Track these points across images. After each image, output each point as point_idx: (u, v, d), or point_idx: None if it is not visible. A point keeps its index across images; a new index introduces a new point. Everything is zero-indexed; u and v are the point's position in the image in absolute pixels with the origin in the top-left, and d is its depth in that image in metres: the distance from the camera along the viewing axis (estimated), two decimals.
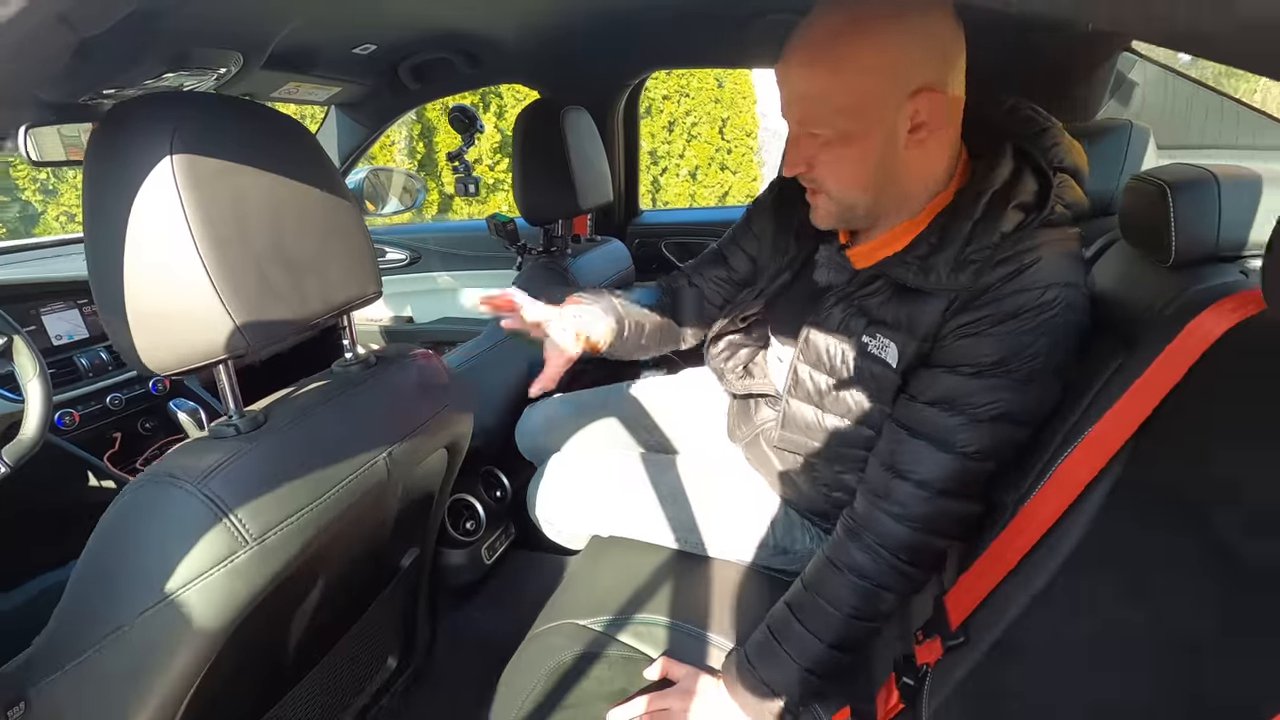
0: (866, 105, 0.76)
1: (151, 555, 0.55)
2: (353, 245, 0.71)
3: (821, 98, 0.77)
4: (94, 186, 0.57)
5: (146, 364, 0.59)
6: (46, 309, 1.42)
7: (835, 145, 0.79)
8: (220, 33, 1.08)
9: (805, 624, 0.85)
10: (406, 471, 0.78)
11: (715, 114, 7.26)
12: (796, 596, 0.88)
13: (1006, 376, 0.77)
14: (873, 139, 0.78)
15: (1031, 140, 0.83)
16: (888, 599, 0.84)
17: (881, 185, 0.82)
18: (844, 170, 0.81)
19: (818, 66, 0.76)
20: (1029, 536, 0.74)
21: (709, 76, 7.06)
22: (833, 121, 0.78)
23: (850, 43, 0.74)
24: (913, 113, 0.76)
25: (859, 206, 0.85)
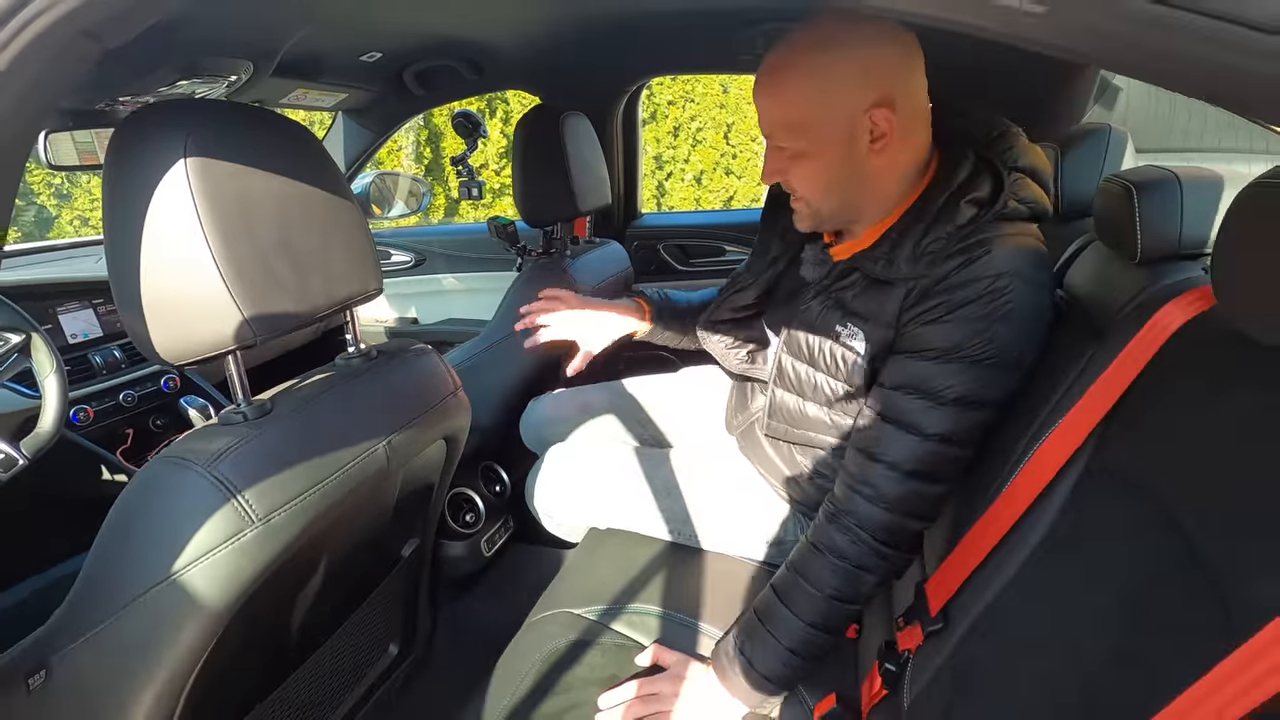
0: (813, 124, 0.84)
1: (164, 532, 0.59)
2: (355, 243, 0.75)
3: (774, 118, 0.86)
4: (113, 187, 0.61)
5: (160, 354, 0.63)
6: (63, 308, 1.46)
7: (795, 158, 0.87)
8: (232, 42, 1.12)
9: (788, 605, 0.88)
10: (405, 460, 0.82)
11: (720, 119, 7.29)
12: (782, 579, 0.92)
13: (962, 361, 0.81)
14: (828, 152, 0.85)
15: (990, 143, 0.89)
16: (868, 580, 0.87)
17: (846, 191, 0.89)
18: (808, 179, 0.89)
19: (766, 90, 0.85)
20: (1004, 522, 0.77)
21: (714, 82, 7.09)
22: (786, 138, 0.86)
23: (792, 71, 0.82)
24: (870, 126, 0.83)
25: (825, 210, 0.91)
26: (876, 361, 0.91)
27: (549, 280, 1.41)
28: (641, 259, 1.90)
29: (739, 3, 1.28)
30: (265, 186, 0.65)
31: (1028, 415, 0.81)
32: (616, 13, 1.36)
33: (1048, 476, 0.73)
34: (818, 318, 0.98)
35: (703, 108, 7.21)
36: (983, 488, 0.83)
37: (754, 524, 1.15)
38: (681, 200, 7.27)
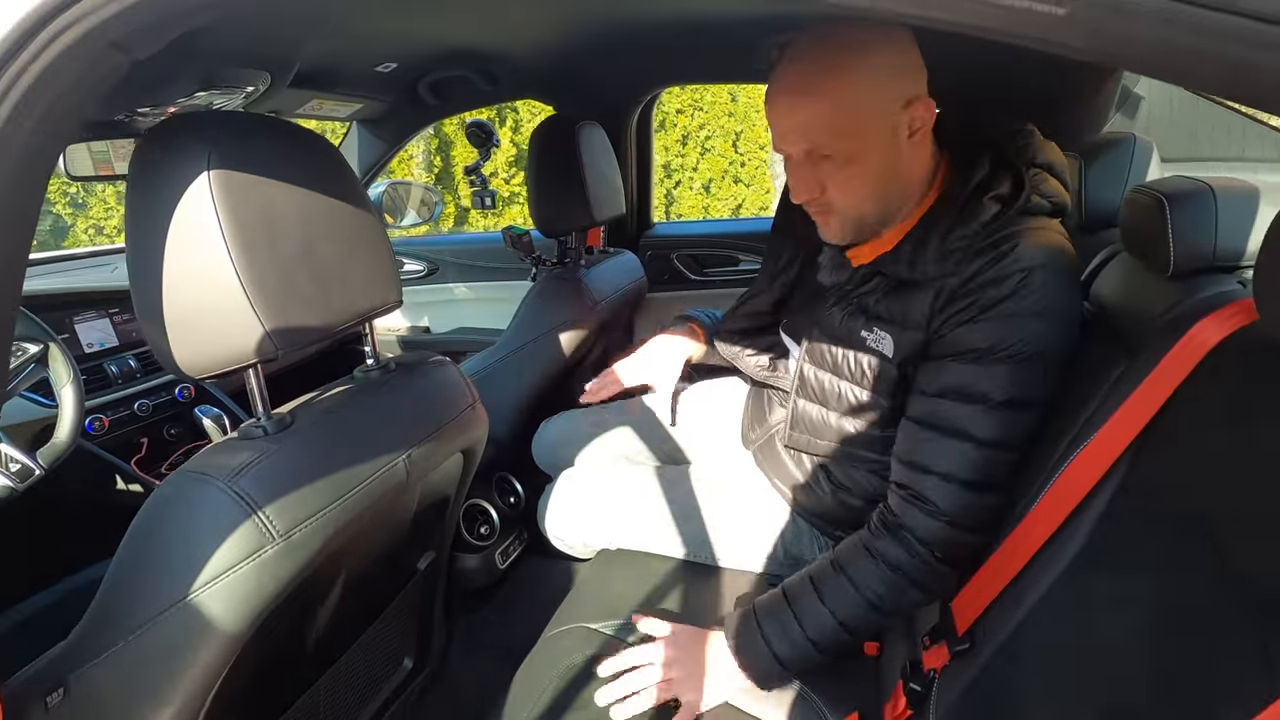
0: (866, 124, 0.81)
1: (184, 549, 0.58)
2: (375, 255, 0.74)
3: (824, 125, 0.81)
4: (136, 200, 0.61)
5: (180, 367, 0.62)
6: (79, 318, 1.47)
7: (846, 165, 0.83)
8: (250, 53, 1.12)
9: (823, 597, 0.87)
10: (424, 474, 0.81)
11: (729, 128, 7.31)
12: (821, 570, 0.90)
13: (1007, 361, 0.79)
14: (876, 153, 0.83)
15: (1006, 141, 0.88)
16: (914, 596, 0.85)
17: (890, 191, 0.87)
18: (855, 186, 0.85)
19: (815, 95, 0.80)
20: (1034, 541, 0.75)
21: (722, 91, 7.11)
22: (838, 145, 0.82)
23: (838, 72, 0.79)
24: (910, 120, 0.82)
25: (870, 216, 0.89)
26: (906, 366, 0.89)
27: (564, 290, 1.40)
28: (654, 268, 1.90)
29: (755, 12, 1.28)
30: (288, 199, 0.65)
31: (1057, 430, 0.79)
32: (632, 23, 1.36)
33: (1079, 494, 0.72)
34: (840, 324, 0.97)
35: (711, 116, 7.22)
36: (1010, 507, 0.82)
37: (772, 542, 1.13)
38: (690, 209, 7.28)
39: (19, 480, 1.08)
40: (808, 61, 0.81)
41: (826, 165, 0.84)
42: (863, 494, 1.02)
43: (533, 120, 6.65)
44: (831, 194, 0.86)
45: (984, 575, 0.81)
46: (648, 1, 1.25)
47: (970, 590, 0.82)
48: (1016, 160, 0.85)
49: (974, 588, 0.82)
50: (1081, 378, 0.80)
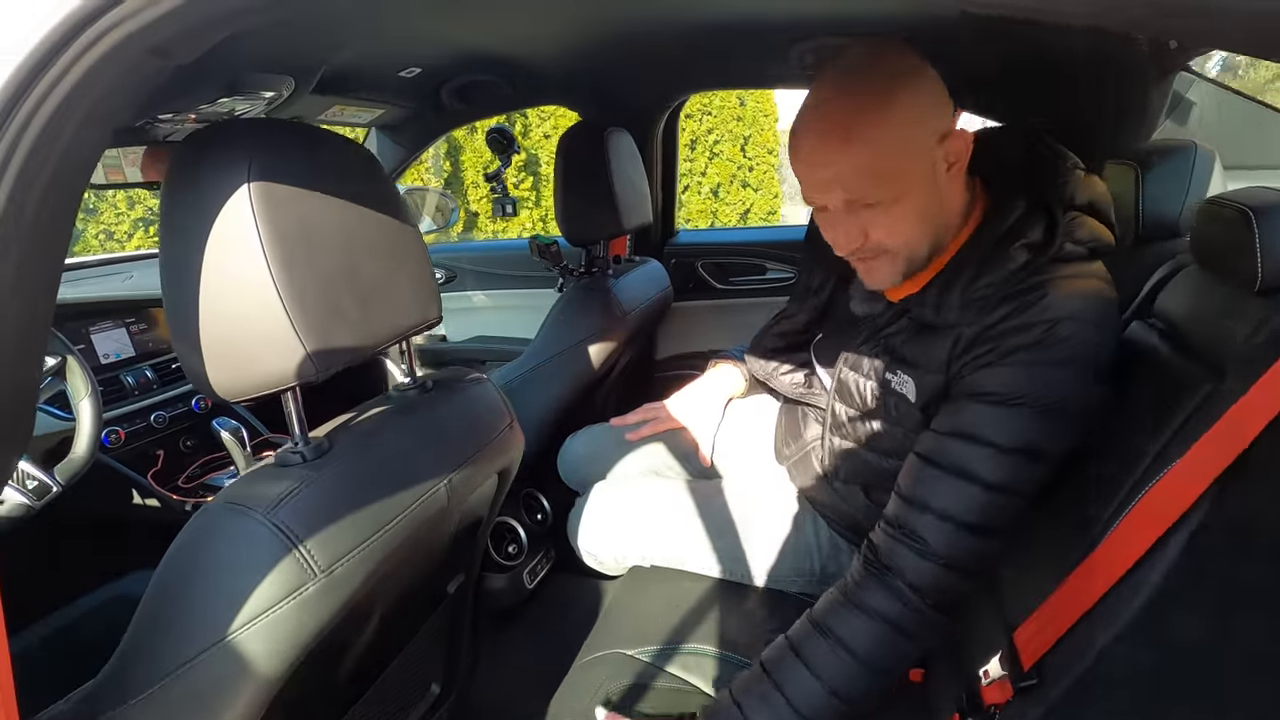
0: (907, 165, 0.77)
1: (223, 586, 0.54)
2: (417, 270, 0.71)
3: (865, 172, 0.77)
4: (171, 213, 0.57)
5: (216, 390, 0.59)
6: (95, 328, 1.44)
7: (886, 211, 0.79)
8: (276, 58, 1.09)
9: (808, 663, 0.79)
10: (464, 498, 0.77)
11: (737, 132, 7.29)
12: (800, 634, 0.83)
13: (1022, 408, 0.76)
14: (919, 190, 0.79)
15: (1045, 181, 0.84)
16: (907, 650, 0.79)
17: (935, 225, 0.84)
18: (904, 227, 0.81)
19: (853, 142, 0.76)
20: (1110, 573, 0.71)
21: (731, 95, 7.10)
22: (882, 191, 0.78)
23: (876, 112, 0.75)
24: (946, 153, 0.79)
25: (922, 251, 0.84)
26: (930, 409, 0.86)
27: (593, 301, 1.36)
28: (679, 277, 1.86)
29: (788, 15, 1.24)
30: (328, 211, 0.61)
31: (1132, 455, 0.75)
32: (660, 26, 1.33)
33: (1162, 525, 0.67)
34: (867, 365, 0.95)
35: (719, 121, 7.21)
36: (1081, 532, 0.77)
37: (806, 557, 1.10)
38: (698, 213, 7.26)
39: (36, 498, 1.05)
40: (836, 107, 0.77)
41: (868, 213, 0.80)
42: None
43: (541, 124, 6.64)
44: (878, 238, 0.82)
45: (1053, 606, 0.77)
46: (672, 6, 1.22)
47: (1036, 621, 0.78)
48: (1052, 203, 0.81)
49: (1041, 619, 0.78)
50: (1159, 397, 0.75)
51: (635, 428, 1.24)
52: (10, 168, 0.41)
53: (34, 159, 0.42)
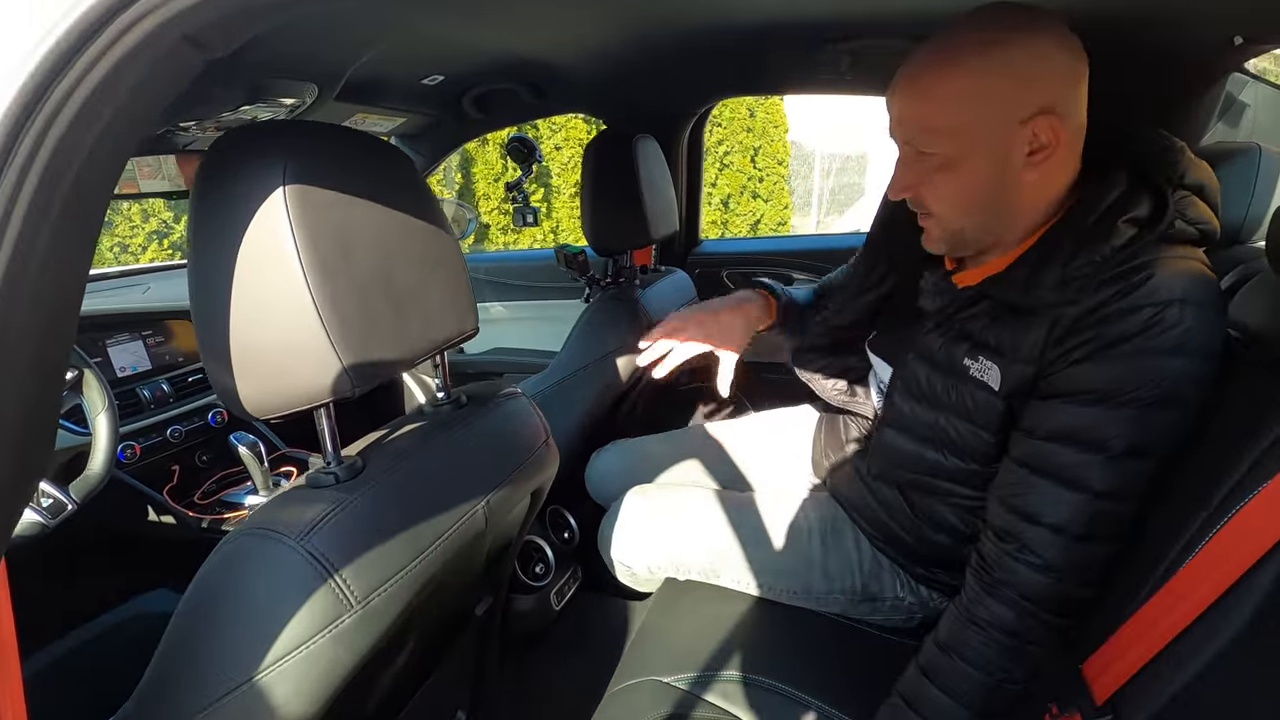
0: (966, 131, 0.75)
1: (253, 620, 0.50)
2: (454, 280, 0.67)
3: (919, 121, 0.77)
4: (202, 221, 0.54)
5: (247, 407, 0.55)
6: (112, 341, 1.41)
7: (942, 168, 0.78)
8: (299, 64, 1.07)
9: (944, 689, 0.78)
10: (501, 519, 0.73)
11: (747, 143, 7.28)
12: (930, 660, 0.81)
13: (1131, 405, 0.71)
14: (977, 164, 0.76)
15: (1150, 159, 0.79)
16: (1037, 655, 0.77)
17: (991, 210, 0.79)
18: (948, 194, 0.79)
19: (912, 89, 0.77)
20: (1190, 605, 0.66)
21: (741, 106, 7.09)
22: (933, 144, 0.77)
23: (944, 71, 0.74)
24: (1029, 137, 0.74)
25: (966, 231, 0.82)
26: (1014, 401, 0.80)
27: (621, 312, 1.33)
28: (703, 287, 1.82)
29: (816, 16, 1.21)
30: (365, 217, 0.58)
31: (1212, 475, 0.70)
32: (688, 31, 1.30)
33: (1249, 556, 0.62)
34: (940, 350, 0.88)
35: (729, 132, 7.20)
36: (1156, 556, 0.72)
37: (847, 576, 1.05)
38: (709, 224, 7.24)
39: (51, 516, 1.01)
40: (930, 53, 0.76)
41: (923, 165, 0.79)
42: (949, 530, 0.94)
43: (553, 137, 6.65)
44: (925, 196, 0.81)
45: (1127, 638, 0.72)
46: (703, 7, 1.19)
47: (1109, 652, 0.73)
48: (1160, 179, 0.76)
49: (1114, 650, 0.73)
50: (1239, 415, 0.71)
51: None
52: (34, 167, 0.37)
53: (59, 158, 0.38)
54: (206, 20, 0.41)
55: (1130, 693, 0.70)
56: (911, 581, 1.03)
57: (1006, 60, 0.73)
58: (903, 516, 0.98)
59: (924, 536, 0.97)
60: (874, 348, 1.05)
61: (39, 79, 0.35)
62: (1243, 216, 0.95)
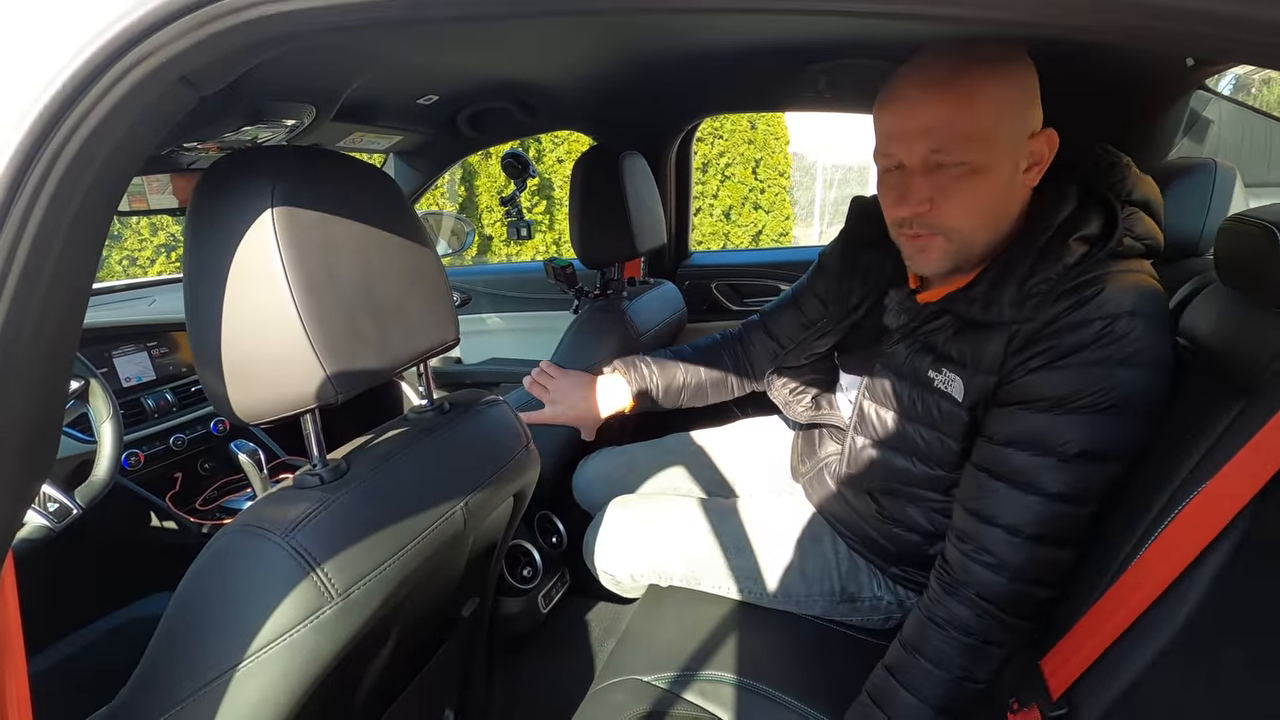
0: (998, 136, 0.77)
1: (239, 611, 0.54)
2: (434, 292, 0.71)
3: (955, 125, 0.76)
4: (196, 237, 0.58)
5: (237, 413, 0.59)
6: (118, 351, 1.46)
7: (967, 176, 0.78)
8: (297, 87, 1.12)
9: (907, 686, 0.81)
10: (480, 521, 0.77)
11: (749, 155, 7.34)
12: (896, 658, 0.85)
13: (1083, 412, 0.74)
14: (1001, 173, 0.79)
15: (1098, 176, 0.83)
16: (996, 654, 0.80)
17: (999, 222, 0.83)
18: (974, 202, 0.80)
19: (951, 94, 0.76)
20: (1140, 598, 0.69)
21: (742, 119, 7.16)
22: (967, 149, 0.77)
23: (982, 75, 0.76)
24: (1030, 152, 0.79)
25: (979, 243, 0.83)
26: (977, 410, 0.85)
27: (608, 323, 1.37)
28: (693, 298, 1.86)
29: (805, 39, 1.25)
30: (347, 234, 0.62)
31: (1160, 475, 0.73)
32: (673, 52, 1.34)
33: (1194, 548, 0.66)
34: (905, 362, 0.92)
35: (731, 144, 7.26)
36: (1109, 554, 0.76)
37: (826, 579, 1.08)
38: (710, 235, 7.29)
39: (57, 520, 1.05)
40: (943, 62, 0.77)
41: (943, 176, 0.79)
42: (920, 530, 0.97)
43: (555, 150, 6.73)
44: (944, 210, 0.80)
45: (1081, 632, 0.75)
46: (689, 31, 1.24)
47: (1065, 648, 0.76)
48: (1109, 196, 0.80)
49: (1070, 645, 0.76)
50: (1186, 419, 0.74)
51: None
52: (42, 196, 0.42)
53: (65, 187, 0.43)
54: (200, 63, 0.46)
55: (1083, 687, 0.73)
56: (888, 581, 1.06)
57: (1027, 74, 0.78)
58: (875, 520, 1.02)
59: (896, 537, 1.00)
60: (843, 363, 1.10)
61: (47, 118, 0.39)
62: (1199, 230, 0.98)
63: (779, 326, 1.24)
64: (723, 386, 1.29)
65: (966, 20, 0.33)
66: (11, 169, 0.39)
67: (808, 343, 1.13)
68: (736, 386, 1.30)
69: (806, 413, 1.14)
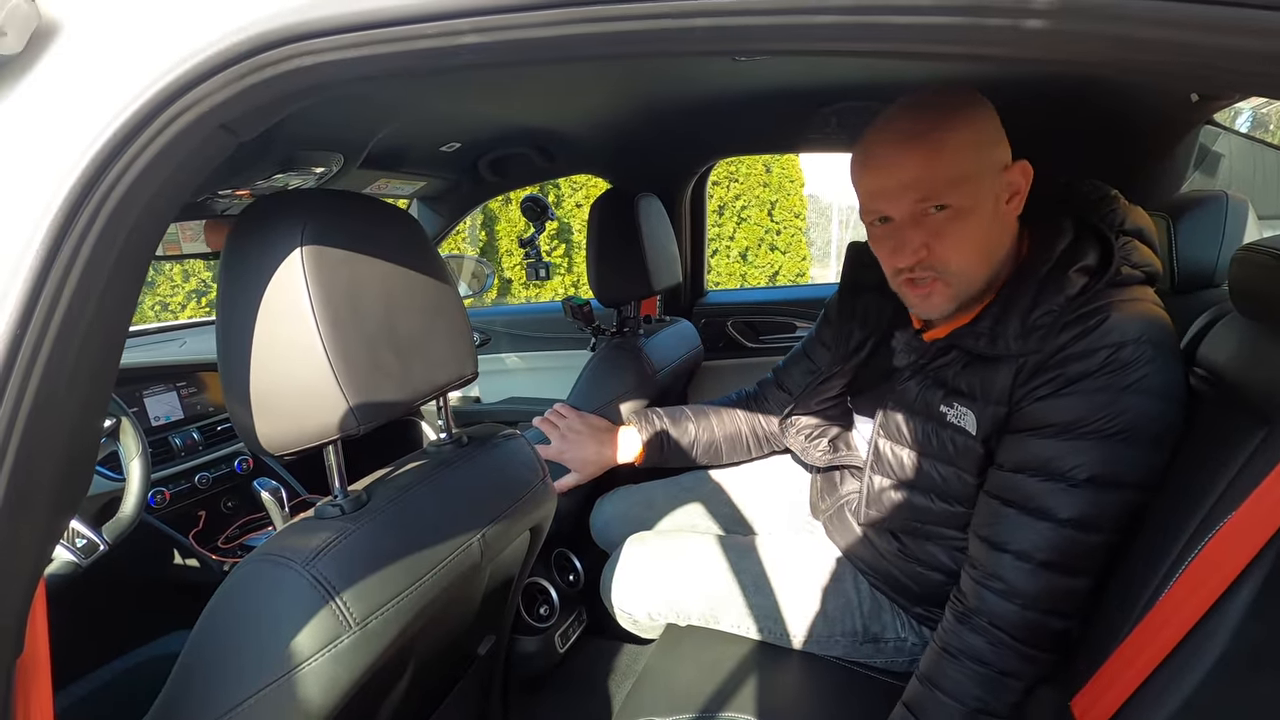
0: (975, 176, 0.80)
1: (259, 639, 0.55)
2: (454, 328, 0.73)
3: (935, 174, 0.79)
4: (229, 276, 0.61)
5: (263, 443, 0.61)
6: (149, 391, 1.50)
7: (955, 220, 0.81)
8: (327, 137, 1.17)
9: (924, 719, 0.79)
10: (496, 554, 0.77)
11: (764, 197, 7.44)
12: (914, 693, 0.83)
13: (1090, 437, 0.75)
14: (985, 209, 0.81)
15: (1090, 208, 0.85)
16: (1014, 686, 0.78)
17: (993, 257, 0.84)
18: (966, 241, 0.82)
19: (925, 146, 0.79)
20: (1169, 635, 0.67)
21: (757, 162, 7.29)
22: (949, 194, 0.80)
23: (949, 123, 0.79)
24: (1007, 183, 0.81)
25: (978, 279, 0.85)
26: (990, 443, 0.85)
27: (625, 360, 1.38)
28: (709, 336, 1.88)
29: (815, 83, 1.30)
30: (372, 272, 0.65)
31: (1183, 508, 0.72)
32: (687, 98, 1.39)
33: (1221, 583, 0.64)
34: (916, 399, 0.93)
35: (746, 187, 7.38)
36: (1134, 589, 0.74)
37: (849, 618, 1.06)
38: (727, 277, 7.35)
39: (84, 556, 1.07)
40: (914, 117, 0.81)
41: (934, 221, 0.81)
42: (943, 569, 0.96)
43: (574, 194, 6.88)
44: (940, 253, 0.82)
45: (1111, 670, 0.73)
46: (701, 78, 1.28)
47: (1095, 688, 0.74)
48: (1103, 227, 0.82)
49: (1100, 684, 0.73)
50: (1206, 451, 0.73)
51: None
52: (90, 237, 0.45)
53: (110, 230, 0.45)
54: (239, 112, 0.49)
55: None
56: (912, 621, 1.04)
57: (987, 115, 0.81)
58: (898, 558, 1.00)
59: (920, 576, 0.98)
60: (856, 405, 1.11)
61: (96, 165, 0.42)
62: (1214, 261, 0.99)
63: (790, 379, 1.26)
64: (738, 444, 1.30)
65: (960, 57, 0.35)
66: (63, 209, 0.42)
67: (817, 388, 1.14)
68: (753, 445, 1.31)
69: (824, 456, 1.14)
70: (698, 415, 1.28)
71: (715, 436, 1.27)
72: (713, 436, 1.27)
